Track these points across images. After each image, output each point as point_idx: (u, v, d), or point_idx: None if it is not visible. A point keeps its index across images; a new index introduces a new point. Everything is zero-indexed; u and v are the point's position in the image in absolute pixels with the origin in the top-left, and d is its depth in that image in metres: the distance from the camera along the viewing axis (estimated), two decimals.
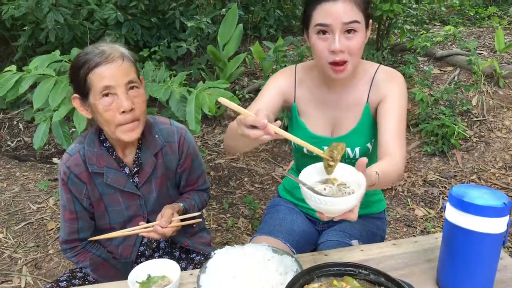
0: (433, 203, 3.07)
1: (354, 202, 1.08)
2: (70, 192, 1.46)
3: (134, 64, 1.40)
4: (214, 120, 4.18)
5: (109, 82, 1.33)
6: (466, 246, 1.16)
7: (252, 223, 2.91)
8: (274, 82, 1.62)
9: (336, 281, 1.05)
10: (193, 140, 1.61)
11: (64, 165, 1.45)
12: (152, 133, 1.51)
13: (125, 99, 1.35)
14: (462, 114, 3.73)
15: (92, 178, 1.46)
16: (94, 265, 1.49)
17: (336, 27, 1.37)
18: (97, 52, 1.33)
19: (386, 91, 1.51)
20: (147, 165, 1.50)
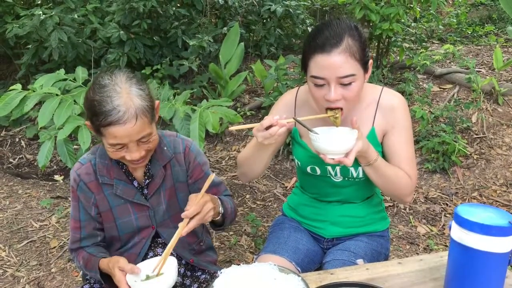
0: (435, 220, 3.07)
1: (348, 141, 1.35)
2: (78, 199, 1.50)
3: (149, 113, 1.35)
4: (215, 137, 4.20)
5: (120, 141, 1.33)
6: (472, 265, 1.17)
7: (255, 241, 2.90)
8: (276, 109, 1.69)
9: None
10: (201, 152, 1.62)
11: (75, 173, 1.49)
12: (161, 146, 1.53)
13: (136, 151, 1.36)
14: (462, 131, 3.76)
15: (102, 189, 1.49)
16: (94, 268, 1.44)
17: (331, 80, 1.40)
18: (110, 108, 1.28)
19: (393, 121, 1.56)
20: (157, 176, 1.52)
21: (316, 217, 1.73)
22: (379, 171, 1.50)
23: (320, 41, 1.39)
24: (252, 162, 1.62)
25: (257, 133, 1.39)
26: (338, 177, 1.62)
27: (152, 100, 1.39)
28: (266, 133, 1.36)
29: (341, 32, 1.39)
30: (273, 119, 1.36)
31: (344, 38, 1.38)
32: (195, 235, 1.64)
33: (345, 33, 1.39)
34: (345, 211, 1.70)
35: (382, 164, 1.50)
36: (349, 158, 1.36)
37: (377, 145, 1.57)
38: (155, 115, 1.41)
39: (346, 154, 1.38)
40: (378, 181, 1.54)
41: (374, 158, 1.47)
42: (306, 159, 1.62)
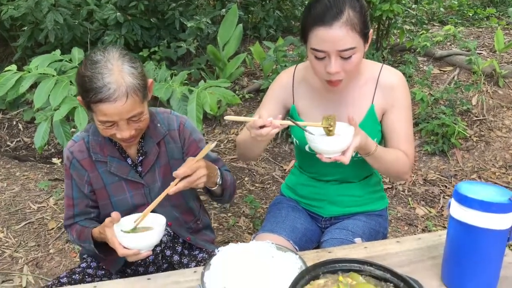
0: (433, 202, 3.07)
1: (344, 141, 1.33)
2: (71, 177, 1.50)
3: (140, 92, 1.33)
4: (214, 120, 4.18)
5: (110, 118, 1.32)
6: (471, 243, 1.16)
7: (253, 222, 2.91)
8: (272, 93, 1.67)
9: (342, 277, 1.05)
10: (197, 129, 1.60)
11: (68, 151, 1.49)
12: (154, 122, 1.51)
13: (126, 129, 1.35)
14: (462, 114, 3.73)
15: (96, 166, 1.48)
16: (87, 238, 1.44)
17: (332, 53, 1.38)
18: (101, 85, 1.27)
19: (392, 100, 1.54)
20: (150, 154, 1.50)
21: (314, 196, 1.72)
22: (379, 159, 1.48)
23: (320, 10, 1.36)
24: (251, 148, 1.60)
25: (250, 129, 1.36)
26: None
27: (144, 78, 1.36)
28: (258, 132, 1.33)
29: (342, 3, 1.36)
30: (267, 120, 1.31)
31: (345, 10, 1.35)
32: (192, 213, 1.63)
33: (346, 4, 1.36)
34: (343, 191, 1.68)
35: (381, 152, 1.47)
36: (346, 156, 1.34)
37: (376, 123, 1.56)
38: (148, 94, 1.39)
39: (343, 152, 1.35)
40: (377, 166, 1.53)
41: (373, 149, 1.44)
42: (304, 139, 1.59)
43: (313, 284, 1.03)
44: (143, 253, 1.31)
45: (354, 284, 1.03)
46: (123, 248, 1.28)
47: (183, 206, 1.60)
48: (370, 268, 1.07)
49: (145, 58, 4.04)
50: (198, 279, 1.28)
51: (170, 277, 1.33)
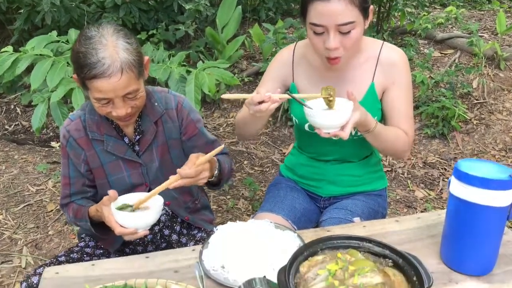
0: (433, 184, 3.07)
1: (343, 115, 1.31)
2: (67, 156, 1.49)
3: (136, 68, 1.31)
4: (213, 104, 4.16)
5: (105, 95, 1.29)
6: (470, 220, 1.15)
7: (252, 204, 2.91)
8: (271, 70, 1.65)
9: (340, 254, 1.05)
10: (195, 109, 1.58)
11: (65, 129, 1.48)
12: (151, 101, 1.49)
13: (122, 107, 1.33)
14: (463, 97, 3.71)
15: (92, 145, 1.47)
16: (84, 217, 1.44)
17: (331, 28, 1.35)
18: (95, 61, 1.25)
19: (393, 77, 1.52)
20: (148, 133, 1.49)
21: (313, 176, 1.71)
22: (378, 137, 1.46)
23: None
24: (249, 126, 1.59)
25: (248, 105, 1.36)
26: None
27: (140, 55, 1.34)
28: (257, 108, 1.32)
29: None
30: (265, 95, 1.31)
31: None
32: (190, 194, 1.63)
33: None
34: (342, 170, 1.68)
35: (381, 129, 1.46)
36: (345, 131, 1.32)
37: (376, 101, 1.54)
38: (144, 71, 1.37)
39: (342, 127, 1.33)
40: (376, 144, 1.52)
41: (372, 126, 1.42)
42: (304, 117, 1.57)
43: (311, 260, 1.03)
44: (140, 233, 1.30)
45: (352, 260, 1.03)
46: (119, 226, 1.28)
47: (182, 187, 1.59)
48: (369, 244, 1.06)
49: (143, 41, 3.99)
50: (196, 257, 1.28)
51: (169, 255, 1.33)
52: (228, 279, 1.19)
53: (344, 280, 0.97)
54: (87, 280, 1.22)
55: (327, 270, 0.99)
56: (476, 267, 1.20)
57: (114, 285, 1.13)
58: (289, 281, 0.94)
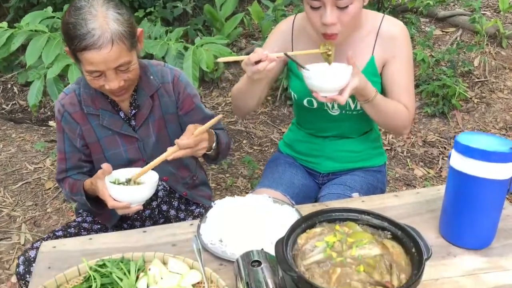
0: (432, 163, 3.06)
1: (341, 78, 1.29)
2: (63, 131, 1.47)
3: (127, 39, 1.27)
4: (211, 83, 4.12)
5: (97, 68, 1.26)
6: (470, 194, 1.14)
7: (251, 182, 2.90)
8: (270, 41, 1.62)
9: (339, 226, 1.04)
10: (191, 84, 1.56)
11: (59, 103, 1.45)
12: (147, 74, 1.46)
13: (114, 79, 1.30)
14: (464, 75, 3.67)
15: (88, 119, 1.45)
16: (79, 191, 1.43)
17: (327, 2, 1.31)
18: (85, 32, 1.21)
19: (393, 51, 1.50)
20: (144, 107, 1.46)
21: (311, 152, 1.70)
22: (378, 108, 1.44)
23: None
24: (245, 96, 1.56)
25: (245, 67, 1.33)
26: (335, 110, 1.57)
27: (131, 26, 1.30)
28: (254, 68, 1.30)
29: None
30: (262, 53, 1.29)
31: None
32: (188, 169, 1.61)
33: None
34: (341, 146, 1.66)
35: (380, 100, 1.44)
36: (343, 96, 1.30)
37: (376, 75, 1.51)
38: (137, 43, 1.34)
39: (340, 91, 1.31)
40: (376, 117, 1.49)
41: (372, 95, 1.40)
42: (302, 91, 1.56)
43: (309, 233, 1.02)
44: (133, 207, 1.29)
45: (351, 232, 1.02)
46: (113, 200, 1.26)
47: (179, 162, 1.57)
48: (367, 217, 1.05)
49: (141, 18, 3.93)
50: (194, 232, 1.28)
51: (166, 229, 1.32)
52: (226, 253, 1.18)
53: (342, 252, 0.96)
54: (84, 254, 1.22)
55: (325, 242, 0.98)
56: (475, 241, 1.19)
57: (111, 258, 1.13)
58: (287, 253, 0.93)
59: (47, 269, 1.18)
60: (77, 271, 1.11)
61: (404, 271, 0.92)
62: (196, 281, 1.08)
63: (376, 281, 0.89)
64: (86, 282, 1.07)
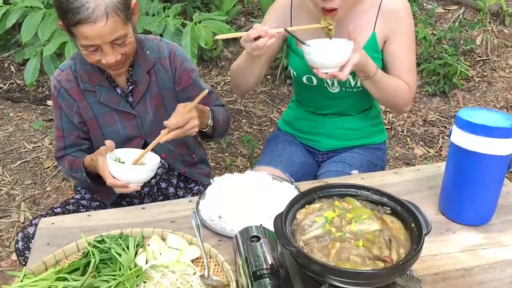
0: (432, 142, 3.05)
1: (342, 54, 1.27)
2: (59, 107, 1.45)
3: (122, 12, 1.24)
4: (210, 62, 4.08)
5: (92, 42, 1.23)
6: (471, 169, 1.14)
7: (250, 161, 2.90)
8: (269, 16, 1.59)
9: (338, 202, 1.03)
10: (188, 58, 1.53)
11: (55, 80, 1.43)
12: (143, 49, 1.44)
13: (110, 54, 1.27)
14: (466, 54, 3.63)
15: (84, 96, 1.43)
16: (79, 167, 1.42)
17: None
18: (79, 5, 1.19)
19: (395, 27, 1.47)
20: (141, 83, 1.44)
21: (311, 130, 1.68)
22: (378, 84, 1.42)
23: None
24: (245, 72, 1.53)
25: (245, 43, 1.31)
26: (335, 87, 1.55)
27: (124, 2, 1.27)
28: (253, 45, 1.28)
29: None
30: (261, 29, 1.26)
31: None
32: (187, 147, 1.60)
33: None
34: (341, 124, 1.64)
35: (381, 77, 1.42)
36: (343, 72, 1.28)
37: (377, 51, 1.49)
38: (131, 15, 1.31)
39: (341, 68, 1.29)
40: (376, 94, 1.48)
41: (373, 72, 1.38)
42: (302, 68, 1.54)
43: (308, 208, 1.01)
44: (132, 187, 1.28)
45: (350, 208, 1.01)
46: (112, 177, 1.26)
47: (178, 139, 1.56)
48: (367, 193, 1.04)
49: None
50: (193, 208, 1.27)
51: (165, 206, 1.32)
52: (225, 229, 1.18)
53: (341, 227, 0.96)
54: (82, 230, 1.21)
55: (324, 218, 0.97)
56: (474, 217, 1.19)
57: (110, 234, 1.13)
58: (286, 228, 0.92)
59: (46, 245, 1.18)
60: (76, 247, 1.11)
61: (403, 246, 0.92)
62: (195, 257, 1.08)
63: (375, 255, 0.89)
64: (85, 258, 1.06)
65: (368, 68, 1.36)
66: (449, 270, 1.06)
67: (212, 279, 1.00)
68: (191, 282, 0.99)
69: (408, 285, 0.90)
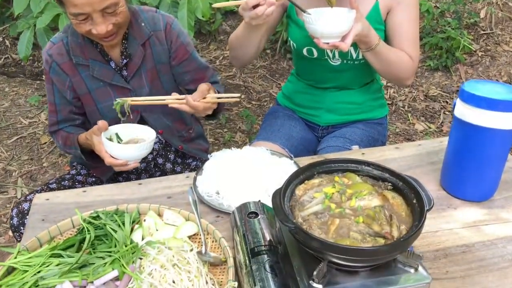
0: (433, 117, 3.01)
1: (344, 23, 1.22)
2: (51, 82, 1.41)
3: None
4: (208, 35, 4.00)
5: (81, 10, 1.17)
6: (474, 144, 1.11)
7: (249, 137, 2.87)
8: None
9: (338, 177, 1.00)
10: (185, 31, 1.48)
11: (46, 53, 1.38)
12: (138, 21, 1.38)
13: (101, 23, 1.22)
14: (469, 27, 3.56)
15: (78, 70, 1.38)
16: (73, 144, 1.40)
17: None
18: None
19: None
20: (135, 56, 1.39)
21: (311, 104, 1.65)
22: (381, 56, 1.38)
23: None
24: (244, 44, 1.49)
25: (243, 12, 1.26)
26: (336, 59, 1.50)
27: None
28: (252, 13, 1.23)
29: None
30: None
31: None
32: (184, 122, 1.57)
33: None
34: (342, 98, 1.61)
35: (383, 48, 1.37)
36: (345, 42, 1.23)
37: (379, 22, 1.44)
38: None
39: (343, 38, 1.24)
40: (378, 66, 1.43)
41: (375, 43, 1.34)
42: (302, 40, 1.49)
43: (307, 184, 0.99)
44: (131, 165, 1.26)
45: (350, 183, 0.99)
46: (110, 156, 1.23)
47: (174, 114, 1.53)
48: (368, 168, 1.01)
49: None
50: (190, 184, 1.25)
51: (162, 182, 1.30)
52: (222, 205, 1.16)
53: (341, 203, 0.94)
54: (78, 206, 1.19)
55: (323, 193, 0.95)
56: (477, 193, 1.17)
57: (105, 210, 1.10)
58: (284, 204, 0.90)
59: (40, 221, 1.16)
60: (70, 223, 1.09)
61: (404, 222, 0.90)
62: (192, 233, 1.06)
63: (375, 232, 0.87)
64: (80, 234, 1.05)
65: (371, 39, 1.31)
66: (450, 246, 1.04)
67: (210, 255, 0.99)
68: (188, 258, 0.97)
69: (408, 261, 0.88)
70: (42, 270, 0.96)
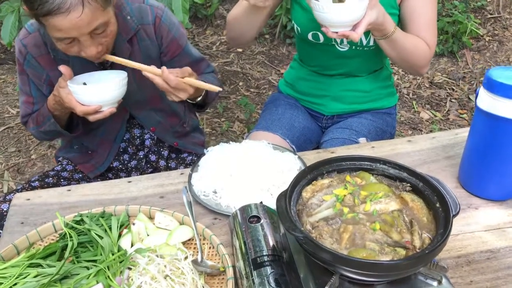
0: (439, 105, 2.90)
1: (356, 11, 1.09)
2: (25, 73, 1.27)
3: None
4: (205, 20, 3.86)
5: (67, 34, 1.03)
6: (499, 138, 1.00)
7: (248, 127, 2.76)
8: None
9: (350, 177, 0.90)
10: (176, 22, 1.33)
11: (20, 42, 1.22)
12: (123, 14, 1.23)
13: (90, 45, 1.08)
14: (476, 11, 3.43)
15: (56, 65, 1.19)
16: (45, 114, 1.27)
17: None
18: None
19: None
20: (121, 53, 1.23)
21: (315, 92, 1.53)
22: (396, 44, 1.26)
23: None
24: (244, 26, 1.38)
25: None
26: (344, 45, 1.39)
27: None
28: None
29: None
30: None
31: None
32: (177, 116, 1.44)
33: None
34: (349, 85, 1.49)
35: (400, 36, 1.26)
36: (357, 32, 1.12)
37: (393, 6, 1.32)
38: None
39: (354, 27, 1.13)
40: (393, 54, 1.31)
41: (391, 31, 1.22)
42: (307, 24, 1.37)
43: (315, 185, 0.88)
44: (106, 110, 1.14)
45: (364, 184, 0.88)
46: (81, 105, 1.11)
47: (166, 109, 1.40)
48: (383, 166, 0.91)
49: None
50: (185, 182, 1.15)
51: (154, 179, 1.19)
52: (220, 205, 1.06)
53: (354, 206, 0.83)
54: (61, 207, 1.09)
55: (334, 196, 0.84)
56: (500, 191, 1.06)
57: (90, 212, 1.00)
58: (290, 208, 0.79)
59: (19, 225, 1.05)
60: (52, 227, 0.99)
61: (426, 229, 0.79)
62: (187, 238, 0.95)
63: (394, 241, 0.76)
64: (62, 240, 0.94)
65: (386, 26, 1.19)
66: (473, 252, 0.94)
67: (206, 264, 0.88)
68: (182, 268, 0.87)
69: (431, 273, 0.78)
70: (18, 283, 0.85)
